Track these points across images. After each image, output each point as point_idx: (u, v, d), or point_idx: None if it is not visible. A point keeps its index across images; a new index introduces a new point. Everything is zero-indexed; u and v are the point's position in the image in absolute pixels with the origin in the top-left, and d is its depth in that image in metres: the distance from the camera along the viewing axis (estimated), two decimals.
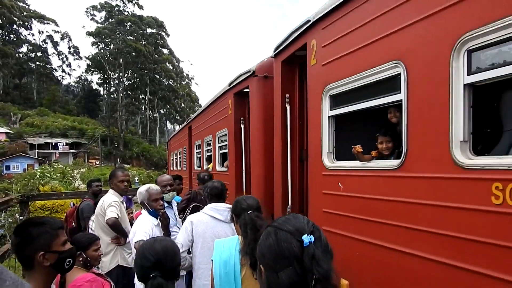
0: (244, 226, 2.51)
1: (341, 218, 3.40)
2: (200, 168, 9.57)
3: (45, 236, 2.20)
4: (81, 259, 3.22)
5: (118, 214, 4.43)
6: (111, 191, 4.81)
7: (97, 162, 61.84)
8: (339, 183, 3.43)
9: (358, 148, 3.34)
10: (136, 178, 40.72)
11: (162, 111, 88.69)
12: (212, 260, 2.60)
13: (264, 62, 5.69)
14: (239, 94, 6.30)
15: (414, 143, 2.59)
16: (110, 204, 4.48)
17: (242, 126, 6.28)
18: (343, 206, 3.38)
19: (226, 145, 6.96)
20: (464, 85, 2.25)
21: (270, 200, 5.15)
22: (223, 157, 7.93)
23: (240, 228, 2.57)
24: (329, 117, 3.61)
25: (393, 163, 2.84)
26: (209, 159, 8.99)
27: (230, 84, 6.60)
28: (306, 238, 1.30)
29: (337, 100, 3.56)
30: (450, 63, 2.30)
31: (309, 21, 3.88)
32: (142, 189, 4.40)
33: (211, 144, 8.15)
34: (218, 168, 7.79)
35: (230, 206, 3.15)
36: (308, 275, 1.25)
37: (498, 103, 2.81)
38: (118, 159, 64.54)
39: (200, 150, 9.68)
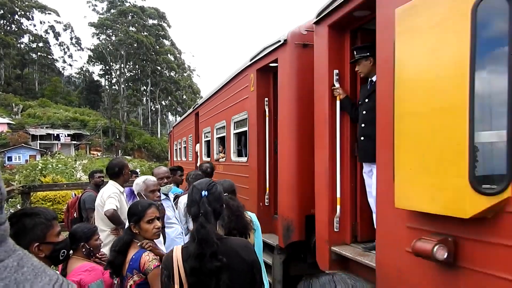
0: None
1: None
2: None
3: (40, 227, 2.17)
4: (84, 249, 3.27)
5: (117, 206, 4.46)
6: (111, 182, 4.82)
7: (99, 154, 61.93)
8: None
9: None
10: (138, 170, 40.76)
11: (163, 102, 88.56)
12: None
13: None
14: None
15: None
16: (110, 195, 4.51)
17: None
18: None
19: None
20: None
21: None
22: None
23: None
24: None
25: None
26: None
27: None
28: (203, 192, 2.31)
29: None
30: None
31: None
32: (139, 180, 4.45)
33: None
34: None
35: None
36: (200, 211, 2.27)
37: None
38: (119, 150, 64.64)
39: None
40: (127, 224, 3.30)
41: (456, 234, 2.28)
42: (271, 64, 5.07)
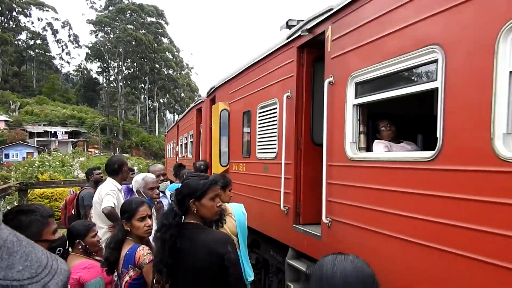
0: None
1: None
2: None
3: (36, 224, 2.16)
4: (80, 247, 3.26)
5: (114, 203, 4.45)
6: (109, 179, 4.80)
7: (97, 151, 61.81)
8: None
9: None
10: (135, 168, 40.70)
11: (161, 100, 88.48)
12: None
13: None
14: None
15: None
16: (107, 193, 4.50)
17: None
18: None
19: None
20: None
21: None
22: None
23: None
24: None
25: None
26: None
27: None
28: None
29: None
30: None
31: None
32: (138, 177, 4.45)
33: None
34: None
35: None
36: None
37: None
38: (117, 148, 64.55)
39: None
40: None
41: None
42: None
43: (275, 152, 5.05)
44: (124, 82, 78.80)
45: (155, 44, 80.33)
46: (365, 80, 3.32)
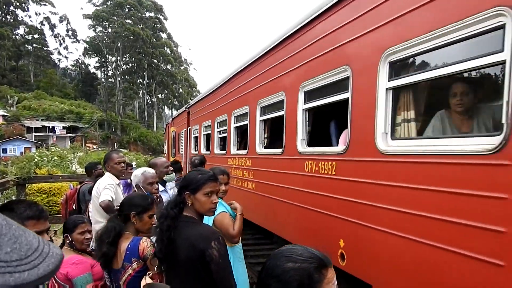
0: None
1: None
2: (283, 149, 4.97)
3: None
4: (67, 241, 3.25)
5: (112, 197, 4.43)
6: (107, 174, 4.79)
7: (95, 147, 61.74)
8: None
9: None
10: (134, 163, 40.70)
11: (160, 96, 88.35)
12: None
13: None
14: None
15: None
16: (105, 187, 4.49)
17: None
18: None
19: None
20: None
21: None
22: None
23: None
24: None
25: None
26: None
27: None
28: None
29: None
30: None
31: None
32: (138, 172, 4.43)
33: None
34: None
35: None
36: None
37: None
38: (115, 143, 64.47)
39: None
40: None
41: None
42: None
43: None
44: (122, 77, 78.62)
45: (154, 39, 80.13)
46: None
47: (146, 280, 2.57)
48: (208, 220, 3.06)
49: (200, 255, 2.35)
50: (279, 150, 5.11)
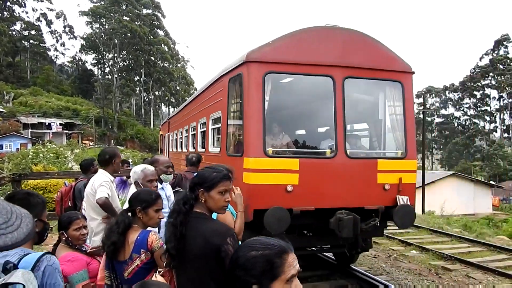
0: None
1: None
2: (219, 150, 7.43)
3: (39, 206, 2.40)
4: (63, 238, 3.24)
5: (108, 194, 4.42)
6: (101, 171, 4.77)
7: (91, 143, 61.57)
8: None
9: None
10: (130, 160, 40.60)
11: (157, 93, 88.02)
12: None
13: None
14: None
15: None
16: (101, 183, 4.48)
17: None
18: None
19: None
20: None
21: None
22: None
23: None
24: None
25: None
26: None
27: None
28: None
29: None
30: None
31: None
32: (138, 168, 4.40)
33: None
34: (216, 149, 8.33)
35: None
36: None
37: None
38: (112, 140, 64.30)
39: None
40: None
41: None
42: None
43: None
44: (119, 74, 78.29)
45: (151, 36, 79.81)
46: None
47: (157, 277, 2.58)
48: None
49: (215, 250, 2.36)
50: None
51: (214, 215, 3.14)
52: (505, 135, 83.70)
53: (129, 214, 3.10)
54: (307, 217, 5.82)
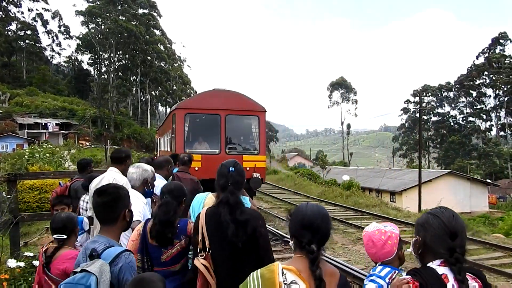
0: None
1: None
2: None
3: (128, 197, 2.72)
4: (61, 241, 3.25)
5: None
6: (114, 169, 4.49)
7: (88, 143, 61.38)
8: None
9: None
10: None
11: (153, 93, 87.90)
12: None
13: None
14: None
15: None
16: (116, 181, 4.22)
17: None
18: None
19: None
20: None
21: None
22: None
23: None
24: None
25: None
26: None
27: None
28: (230, 168, 2.99)
29: None
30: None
31: None
32: (148, 167, 4.30)
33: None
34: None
35: None
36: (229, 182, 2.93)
37: None
38: (108, 140, 64.09)
39: None
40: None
41: None
42: None
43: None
44: (116, 74, 78.04)
45: (147, 36, 79.58)
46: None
47: (200, 260, 2.79)
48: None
49: (252, 232, 2.76)
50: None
51: (248, 204, 3.61)
52: (501, 133, 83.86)
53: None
54: (207, 183, 7.47)
